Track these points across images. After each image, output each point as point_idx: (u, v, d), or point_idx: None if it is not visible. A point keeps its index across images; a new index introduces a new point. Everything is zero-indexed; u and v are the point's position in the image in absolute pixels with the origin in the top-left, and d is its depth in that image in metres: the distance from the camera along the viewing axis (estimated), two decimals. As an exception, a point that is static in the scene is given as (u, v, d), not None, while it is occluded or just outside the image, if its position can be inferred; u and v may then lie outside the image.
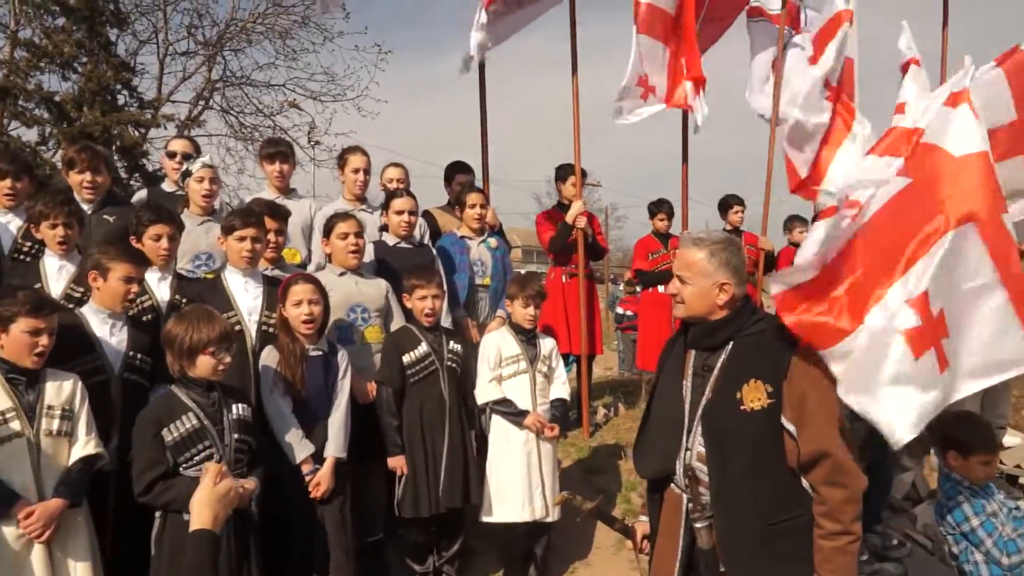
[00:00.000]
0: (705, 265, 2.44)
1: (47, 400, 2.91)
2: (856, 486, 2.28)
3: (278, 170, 4.74)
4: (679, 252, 2.54)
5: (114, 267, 3.25)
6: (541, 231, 6.13)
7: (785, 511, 2.33)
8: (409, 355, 3.91)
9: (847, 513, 2.26)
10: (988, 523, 3.12)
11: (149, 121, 13.34)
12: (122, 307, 3.32)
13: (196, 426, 2.97)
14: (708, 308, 2.46)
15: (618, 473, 5.35)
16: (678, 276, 2.50)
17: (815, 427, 2.27)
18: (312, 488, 3.42)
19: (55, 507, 2.81)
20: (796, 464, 2.31)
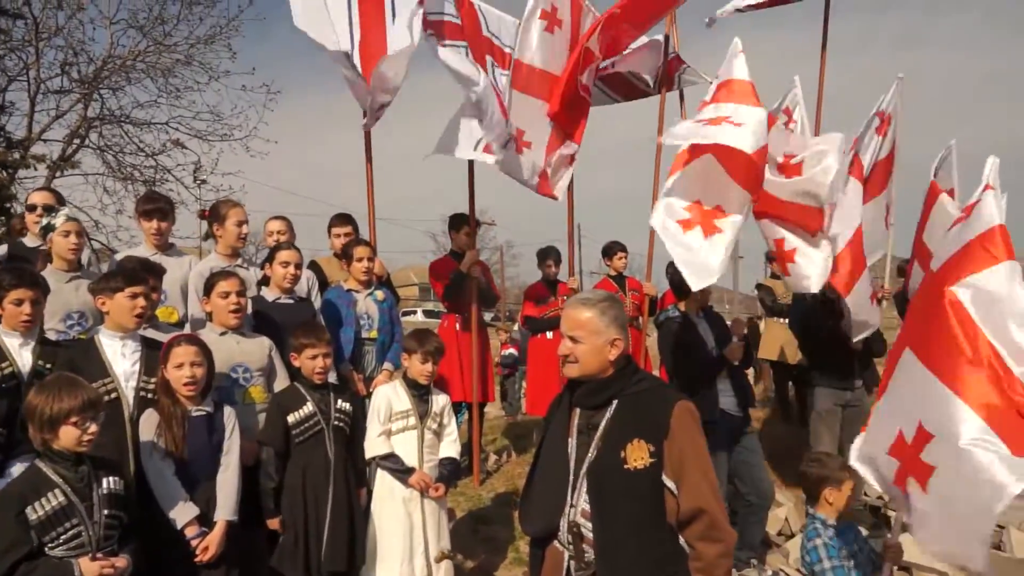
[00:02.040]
0: (597, 323, 2.53)
1: None
2: (729, 541, 2.42)
3: (155, 227, 4.57)
4: (567, 313, 2.61)
5: None
6: (434, 281, 6.20)
7: (666, 567, 2.42)
8: (294, 415, 3.85)
9: (722, 568, 2.39)
10: (840, 569, 3.32)
11: (17, 162, 12.57)
12: None
13: (63, 503, 2.82)
14: (601, 366, 2.55)
15: (509, 522, 5.40)
16: (569, 337, 2.55)
17: (692, 484, 2.39)
18: (200, 552, 3.31)
19: None
20: (675, 520, 2.42)
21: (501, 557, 4.93)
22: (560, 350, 2.59)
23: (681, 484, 2.40)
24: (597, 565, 2.46)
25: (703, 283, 4.32)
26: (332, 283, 5.24)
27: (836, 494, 3.49)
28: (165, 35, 14.62)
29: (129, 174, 15.36)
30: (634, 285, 7.06)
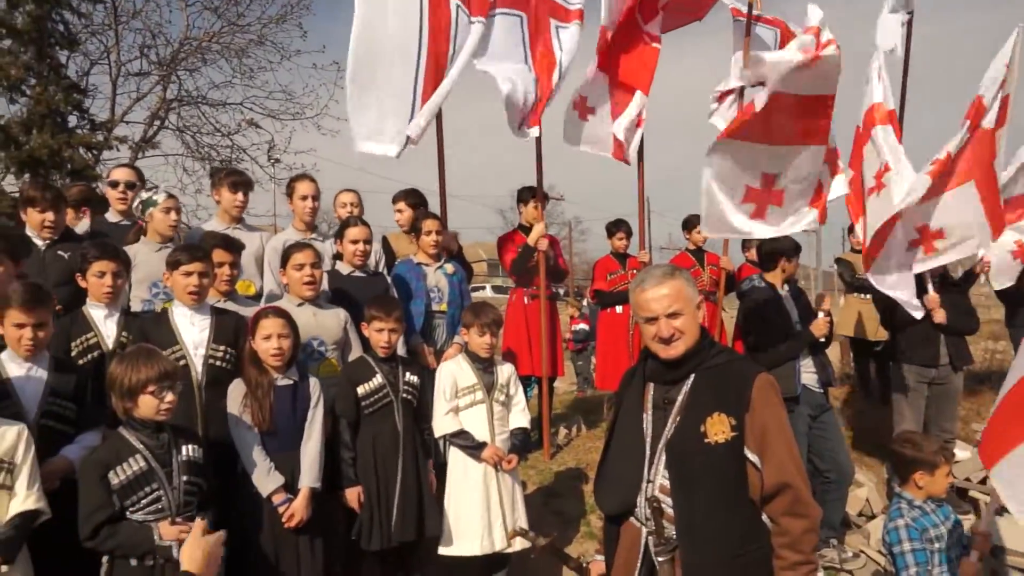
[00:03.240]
0: (690, 291, 2.47)
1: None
2: (815, 516, 2.34)
3: (242, 199, 4.69)
4: (655, 294, 2.46)
5: (6, 313, 3.13)
6: (502, 254, 6.15)
7: (749, 542, 2.35)
8: (363, 387, 3.88)
9: (808, 543, 2.31)
10: (920, 552, 3.19)
11: (101, 143, 13.07)
12: (24, 353, 3.18)
13: (143, 468, 2.91)
14: (698, 333, 2.47)
15: (579, 496, 5.36)
16: (669, 315, 2.43)
17: (776, 458, 2.32)
18: (286, 519, 3.38)
19: None
20: (758, 496, 2.34)
21: (572, 531, 4.90)
22: (661, 333, 2.44)
23: (764, 458, 2.33)
24: (679, 541, 2.39)
25: None
26: (400, 258, 5.24)
27: (928, 479, 3.34)
28: (238, 15, 14.94)
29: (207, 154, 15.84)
30: (712, 259, 6.86)
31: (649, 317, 2.47)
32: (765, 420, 2.34)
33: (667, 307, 2.44)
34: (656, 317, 2.45)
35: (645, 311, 2.48)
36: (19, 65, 11.62)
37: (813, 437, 4.70)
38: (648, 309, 2.47)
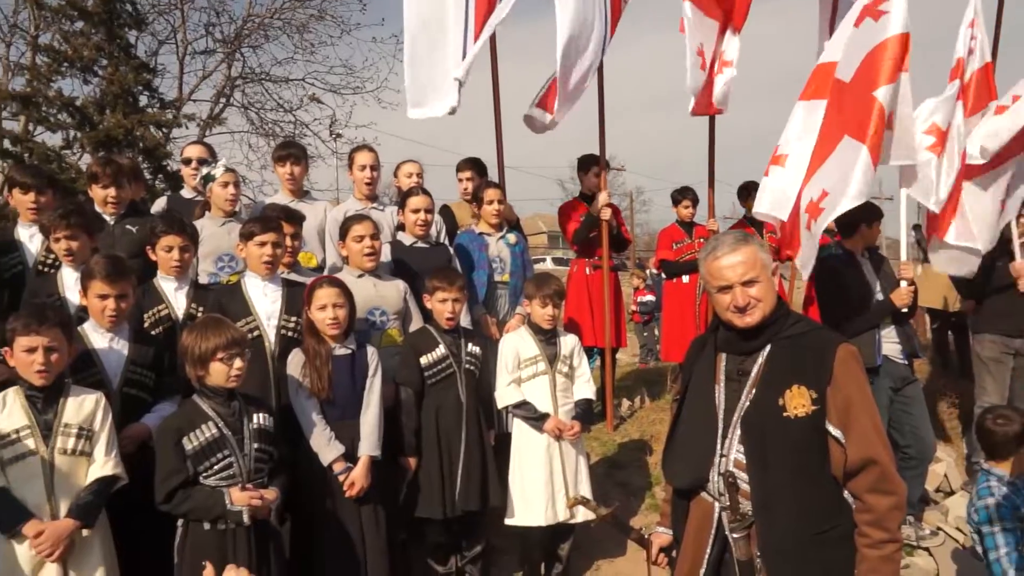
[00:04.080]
0: (765, 257, 2.37)
1: (65, 418, 2.89)
2: (901, 493, 2.23)
3: (289, 172, 4.72)
4: (729, 262, 2.35)
5: (90, 285, 3.23)
6: (564, 223, 6.06)
7: (830, 520, 2.26)
8: (427, 357, 3.88)
9: (894, 520, 2.21)
10: (1009, 533, 3.04)
11: (171, 121, 13.41)
12: (107, 323, 3.28)
13: (215, 435, 2.96)
14: (775, 301, 2.37)
15: (643, 467, 5.30)
16: (744, 283, 2.33)
17: (861, 433, 2.21)
18: (347, 488, 3.42)
19: (65, 528, 2.78)
20: (840, 472, 2.24)
21: (637, 503, 4.85)
22: (737, 301, 2.33)
23: (848, 433, 2.21)
24: (755, 517, 2.30)
25: None
26: (462, 228, 5.21)
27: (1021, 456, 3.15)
28: (299, -10, 15.04)
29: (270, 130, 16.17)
30: (771, 228, 6.63)
31: (723, 286, 2.36)
32: (849, 393, 2.22)
33: (742, 275, 2.33)
34: (731, 285, 2.34)
35: (718, 280, 2.38)
36: (91, 46, 11.98)
37: (895, 411, 4.51)
38: (722, 277, 2.36)
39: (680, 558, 2.57)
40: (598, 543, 4.42)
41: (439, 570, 3.99)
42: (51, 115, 12.17)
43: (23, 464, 2.81)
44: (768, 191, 4.37)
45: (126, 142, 12.08)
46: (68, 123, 12.20)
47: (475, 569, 4.03)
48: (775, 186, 4.34)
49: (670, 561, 2.69)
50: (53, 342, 2.85)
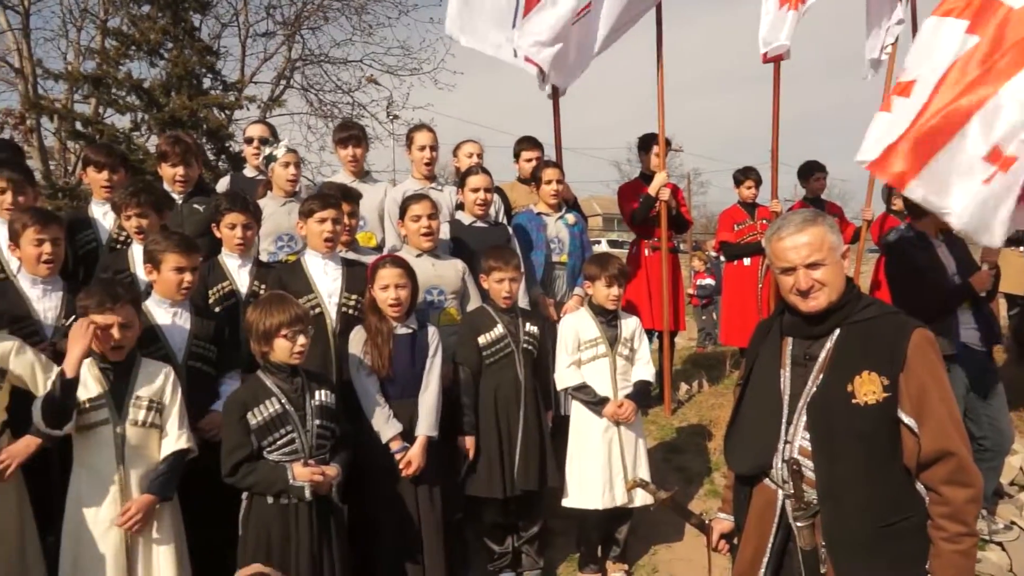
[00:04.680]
0: (833, 239, 2.27)
1: (136, 391, 2.99)
2: (978, 485, 2.14)
3: (351, 154, 4.76)
4: (794, 242, 2.27)
5: (165, 258, 3.30)
6: (623, 203, 5.98)
7: (900, 511, 2.18)
8: (485, 336, 3.87)
9: (971, 513, 2.12)
10: None
11: (233, 103, 13.66)
12: (179, 296, 3.37)
13: (279, 411, 3.01)
14: (842, 287, 2.29)
15: (701, 452, 5.21)
16: (808, 265, 2.25)
17: (937, 423, 2.11)
18: (403, 467, 3.44)
19: (149, 502, 2.91)
20: (913, 462, 2.15)
21: (695, 488, 4.78)
22: (799, 284, 2.26)
23: (922, 422, 2.12)
24: (821, 507, 2.24)
25: None
26: (516, 208, 5.18)
27: None
28: (358, -30, 15.12)
29: (329, 111, 16.35)
30: (833, 209, 6.43)
31: (786, 267, 2.29)
32: (923, 380, 2.13)
33: (806, 257, 2.24)
34: (794, 267, 2.26)
35: (782, 260, 2.30)
36: (157, 30, 12.25)
37: (972, 401, 4.32)
38: (785, 259, 2.28)
39: (742, 545, 2.52)
40: (656, 527, 4.37)
41: (495, 550, 4.01)
42: (120, 97, 12.51)
43: (96, 433, 2.93)
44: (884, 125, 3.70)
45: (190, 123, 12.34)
46: (136, 105, 12.52)
47: (531, 550, 4.04)
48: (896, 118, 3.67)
49: (731, 548, 2.65)
50: (126, 319, 2.94)
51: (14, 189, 3.69)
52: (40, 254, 3.33)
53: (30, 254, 3.32)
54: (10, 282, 3.43)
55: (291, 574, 2.94)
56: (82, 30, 14.75)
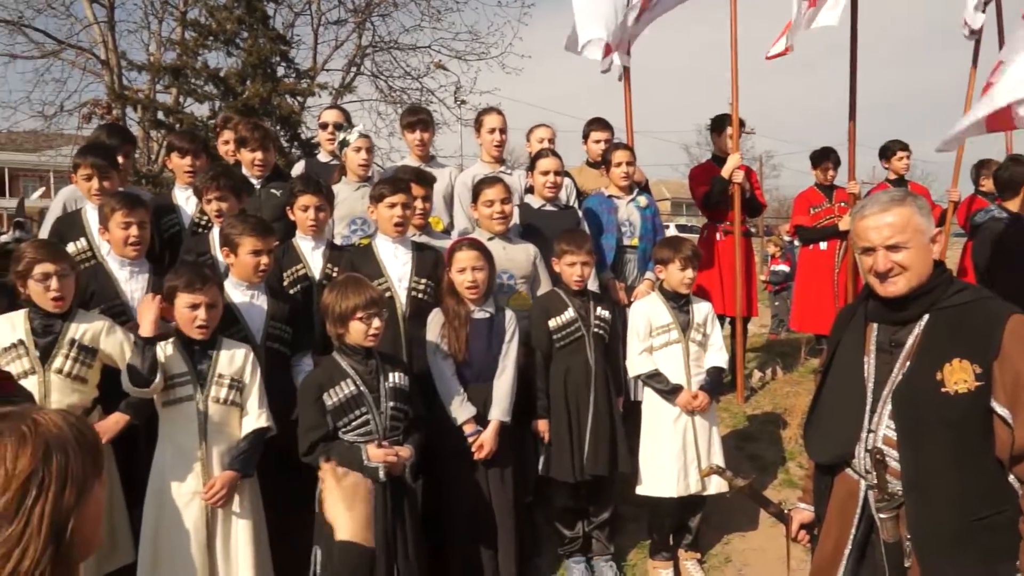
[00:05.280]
0: (920, 220, 2.16)
1: (218, 369, 3.09)
2: None
3: (418, 139, 4.78)
4: (877, 221, 2.19)
5: (241, 241, 3.37)
6: (694, 186, 5.85)
7: (991, 505, 2.08)
8: (555, 320, 3.84)
9: None
10: None
11: (305, 90, 13.92)
12: (256, 278, 3.44)
13: (354, 392, 3.06)
14: (927, 271, 2.19)
15: (776, 441, 5.10)
16: (889, 247, 2.17)
17: None
18: (475, 449, 3.46)
19: (231, 478, 3.02)
20: (1006, 454, 2.05)
21: (769, 478, 4.67)
22: (877, 266, 2.18)
23: (1017, 412, 2.01)
24: (905, 498, 2.15)
25: None
26: (584, 192, 5.13)
27: None
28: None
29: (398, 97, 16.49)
30: (918, 192, 6.13)
31: (866, 247, 2.20)
32: (1020, 369, 2.01)
33: (887, 238, 2.15)
34: (874, 248, 2.17)
35: (862, 240, 2.22)
36: (233, 20, 12.55)
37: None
38: (866, 238, 2.20)
39: (822, 536, 2.45)
40: (730, 516, 4.30)
41: (566, 534, 3.98)
42: (198, 86, 12.88)
43: (179, 408, 3.04)
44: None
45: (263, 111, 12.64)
46: (214, 94, 12.88)
47: (602, 535, 4.00)
48: None
49: (811, 539, 2.58)
50: (212, 299, 3.04)
51: (99, 174, 3.83)
52: (127, 237, 3.46)
53: (118, 237, 3.46)
54: (101, 264, 3.59)
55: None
56: (163, 22, 15.26)
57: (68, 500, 1.11)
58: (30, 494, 1.08)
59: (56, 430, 1.14)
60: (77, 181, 3.88)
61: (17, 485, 1.08)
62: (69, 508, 1.11)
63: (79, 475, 1.14)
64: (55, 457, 1.11)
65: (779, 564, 4.05)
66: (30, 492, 1.08)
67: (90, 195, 3.85)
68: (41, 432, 1.12)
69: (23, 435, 1.11)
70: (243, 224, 3.40)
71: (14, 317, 3.08)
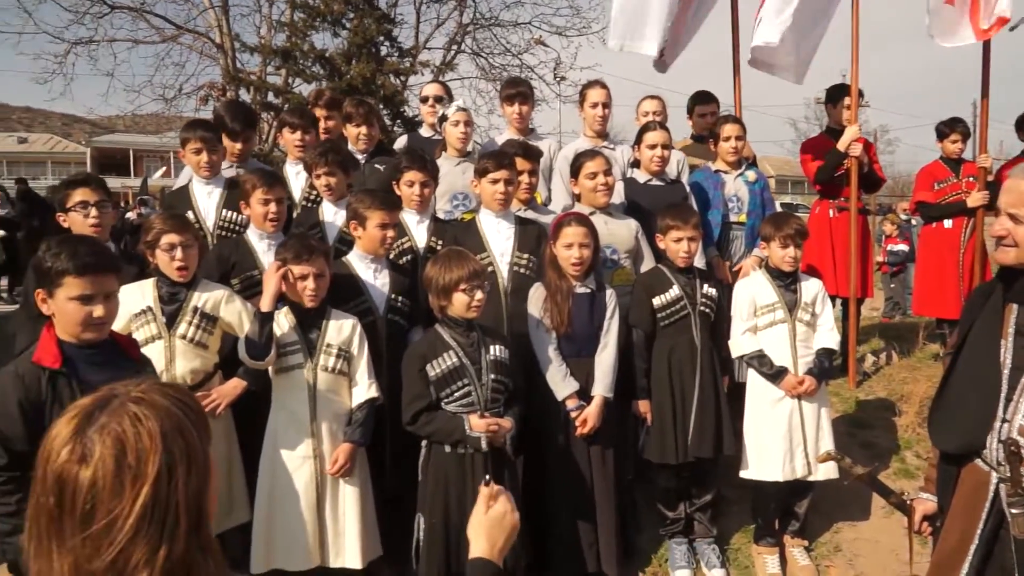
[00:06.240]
0: None
1: (326, 339, 3.19)
2: None
3: (517, 111, 4.71)
4: (1014, 185, 2.08)
5: (370, 215, 3.43)
6: (806, 161, 5.59)
7: None
8: (660, 298, 3.75)
9: None
10: None
11: (408, 69, 14.15)
12: (382, 251, 3.52)
13: (455, 364, 3.10)
14: None
15: (889, 429, 4.85)
16: (1011, 215, 2.06)
17: None
18: (579, 425, 3.44)
19: (351, 451, 3.13)
20: None
21: (883, 467, 4.45)
22: (993, 230, 2.07)
23: None
24: None
25: None
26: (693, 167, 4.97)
27: None
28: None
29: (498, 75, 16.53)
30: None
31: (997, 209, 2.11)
32: None
33: (1009, 204, 2.05)
34: (1003, 211, 2.08)
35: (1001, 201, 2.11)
36: (340, 1, 12.85)
37: None
38: (1002, 199, 2.09)
39: (946, 529, 2.32)
40: (839, 504, 4.13)
41: (668, 515, 3.91)
42: (306, 67, 13.30)
43: (290, 376, 3.16)
44: None
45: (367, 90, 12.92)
46: (320, 74, 13.28)
47: (704, 517, 3.91)
48: None
49: (934, 531, 2.44)
50: (320, 269, 3.13)
51: (208, 148, 3.99)
52: (267, 212, 3.60)
53: (258, 212, 3.61)
54: (243, 237, 3.74)
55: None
56: (274, 4, 15.81)
57: (199, 479, 1.06)
58: (163, 483, 1.01)
59: (165, 409, 1.06)
60: (186, 155, 4.04)
61: (152, 478, 1.00)
62: (201, 487, 1.07)
63: (199, 451, 1.07)
64: (177, 438, 1.04)
65: (892, 556, 3.89)
66: (162, 481, 1.01)
67: (199, 168, 4.01)
68: (158, 411, 1.05)
69: (137, 419, 1.03)
70: (371, 198, 3.48)
71: (144, 285, 3.26)
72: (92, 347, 2.39)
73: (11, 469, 2.29)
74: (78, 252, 2.32)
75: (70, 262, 2.29)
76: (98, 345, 2.41)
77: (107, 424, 1.02)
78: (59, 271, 2.30)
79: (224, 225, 3.95)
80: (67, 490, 0.99)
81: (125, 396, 1.06)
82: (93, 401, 1.06)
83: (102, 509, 0.99)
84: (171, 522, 1.01)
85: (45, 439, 1.04)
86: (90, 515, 0.99)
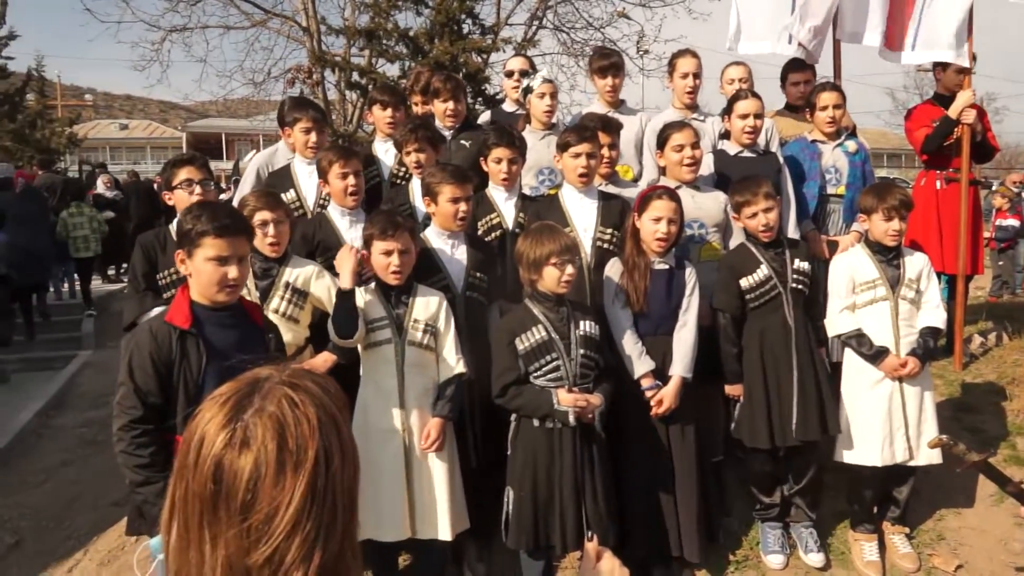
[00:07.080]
0: None
1: (414, 314, 3.22)
2: None
3: (609, 84, 4.59)
4: None
5: (441, 190, 3.43)
6: (912, 129, 5.27)
7: None
8: (748, 279, 3.59)
9: None
10: None
11: (489, 46, 14.07)
12: (456, 226, 3.49)
13: (544, 338, 3.09)
14: None
15: (999, 414, 4.59)
16: None
17: None
18: (654, 404, 3.36)
19: (441, 426, 3.17)
20: None
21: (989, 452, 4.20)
22: None
23: None
24: None
25: None
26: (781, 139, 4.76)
27: None
28: None
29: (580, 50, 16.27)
30: None
31: None
32: None
33: None
34: None
35: None
36: (424, -23, 12.87)
37: None
38: None
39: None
40: (942, 491, 3.94)
41: (764, 500, 3.78)
42: (389, 47, 13.39)
43: (379, 351, 3.21)
44: None
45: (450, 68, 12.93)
46: (404, 54, 13.34)
47: (803, 502, 3.75)
48: None
49: None
50: (404, 245, 3.15)
51: (317, 129, 4.06)
52: (346, 187, 3.65)
53: (337, 187, 3.67)
54: (324, 215, 3.80)
55: (555, 495, 3.05)
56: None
57: (352, 471, 0.99)
58: (321, 473, 0.93)
59: (318, 396, 0.98)
60: (294, 134, 4.11)
61: (311, 466, 0.92)
62: (354, 480, 0.99)
63: (350, 441, 0.99)
64: (331, 426, 0.97)
65: (1000, 546, 3.69)
66: (320, 471, 0.93)
67: (306, 148, 4.09)
68: (312, 397, 0.97)
69: (295, 403, 0.95)
70: (442, 172, 3.48)
71: None
72: (224, 310, 2.52)
73: (146, 422, 2.44)
74: (217, 215, 2.47)
75: (210, 224, 2.43)
76: (228, 308, 2.53)
77: (264, 408, 0.94)
78: (199, 232, 2.44)
79: (324, 204, 4.02)
80: (227, 477, 0.91)
81: (276, 380, 0.98)
82: (242, 384, 0.98)
83: (263, 498, 0.90)
84: (327, 518, 0.93)
85: (193, 423, 0.96)
86: (250, 504, 0.91)
